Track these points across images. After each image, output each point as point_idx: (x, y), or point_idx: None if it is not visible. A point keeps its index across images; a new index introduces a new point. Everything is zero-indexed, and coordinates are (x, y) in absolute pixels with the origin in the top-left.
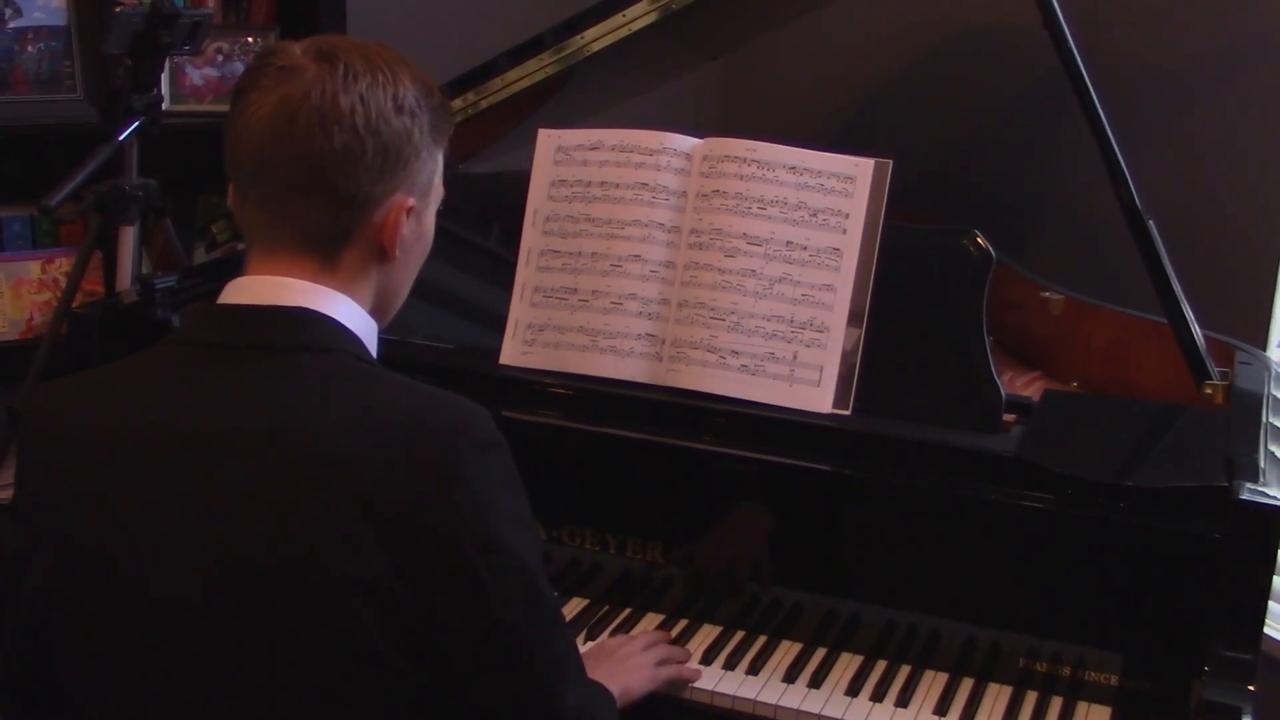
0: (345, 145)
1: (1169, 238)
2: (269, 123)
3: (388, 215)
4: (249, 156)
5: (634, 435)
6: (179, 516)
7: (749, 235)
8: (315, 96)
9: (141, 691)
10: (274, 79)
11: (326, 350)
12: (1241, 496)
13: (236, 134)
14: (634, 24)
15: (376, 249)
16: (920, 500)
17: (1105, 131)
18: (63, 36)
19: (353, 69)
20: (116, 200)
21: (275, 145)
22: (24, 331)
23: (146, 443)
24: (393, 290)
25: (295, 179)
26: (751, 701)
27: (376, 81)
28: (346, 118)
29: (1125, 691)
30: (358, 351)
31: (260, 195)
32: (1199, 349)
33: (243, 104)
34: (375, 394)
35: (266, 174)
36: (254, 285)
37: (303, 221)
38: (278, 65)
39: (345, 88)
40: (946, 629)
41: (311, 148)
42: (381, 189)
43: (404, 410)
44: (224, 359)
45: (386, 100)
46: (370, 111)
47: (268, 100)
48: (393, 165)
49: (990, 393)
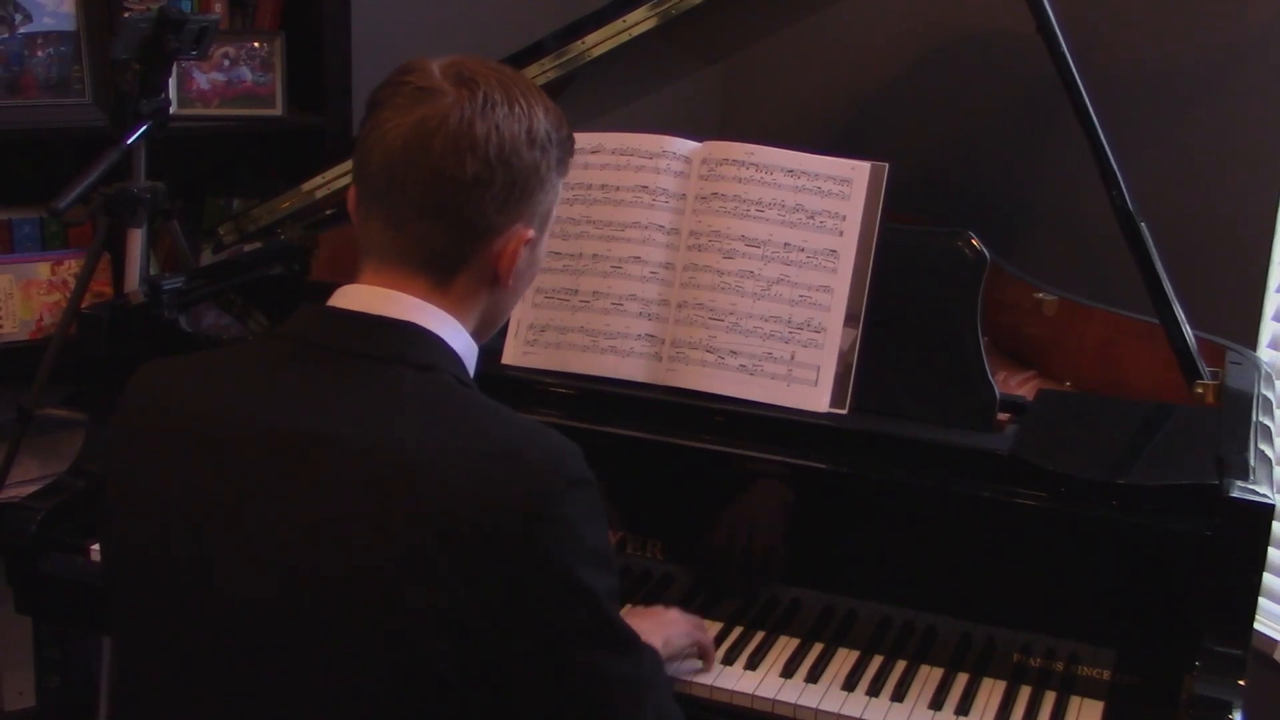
0: (476, 174)
1: (1160, 240)
2: (403, 143)
3: (507, 245)
4: (379, 173)
5: (634, 434)
6: (258, 513)
7: (747, 237)
8: (453, 122)
9: (190, 680)
10: (411, 98)
11: (428, 367)
12: (1232, 494)
13: (368, 148)
14: (634, 29)
15: (490, 275)
16: (916, 498)
17: (1098, 135)
18: (72, 41)
19: (491, 98)
20: (124, 203)
21: (407, 166)
22: (34, 332)
23: (237, 434)
24: (497, 314)
25: (423, 201)
26: (750, 696)
27: (513, 112)
28: (481, 147)
29: (1118, 686)
30: (458, 372)
31: (384, 211)
32: (1190, 349)
33: (377, 119)
34: (470, 419)
35: (395, 193)
36: (366, 294)
37: (423, 242)
38: (416, 85)
39: (482, 116)
40: (942, 625)
41: (443, 173)
42: (505, 219)
43: (497, 440)
44: (327, 361)
45: (521, 132)
46: (505, 142)
47: (405, 120)
48: (518, 196)
49: (985, 392)
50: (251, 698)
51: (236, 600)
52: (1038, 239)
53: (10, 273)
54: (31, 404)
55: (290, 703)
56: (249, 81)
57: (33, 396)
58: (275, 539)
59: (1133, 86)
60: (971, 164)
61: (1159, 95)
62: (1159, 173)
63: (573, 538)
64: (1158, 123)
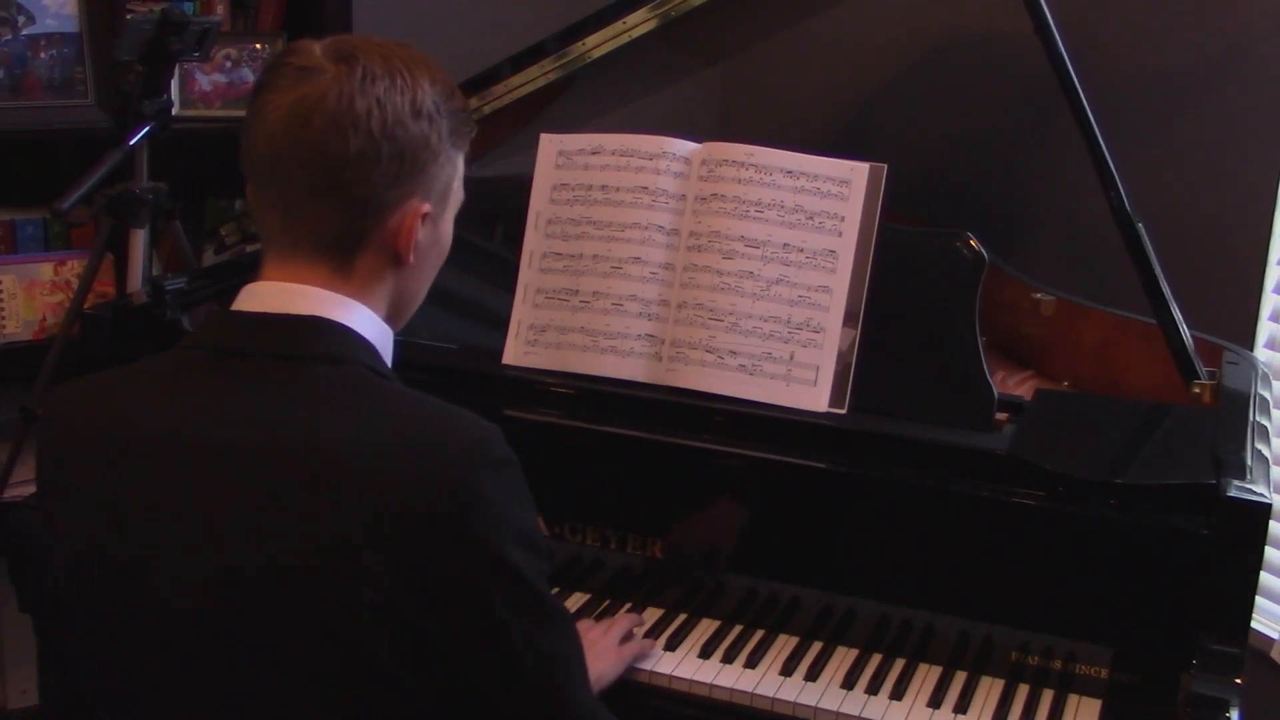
0: (360, 150)
1: (1157, 240)
2: (284, 124)
3: (403, 221)
4: (263, 157)
5: (634, 433)
6: (186, 525)
7: (747, 238)
8: (331, 99)
9: (146, 695)
10: (291, 79)
11: (340, 361)
12: (1229, 493)
13: (252, 133)
14: (634, 31)
15: (391, 254)
16: (914, 497)
17: (1095, 136)
18: (75, 43)
19: (371, 71)
20: (127, 204)
21: (289, 147)
22: (37, 332)
23: (155, 449)
24: (408, 296)
25: (309, 182)
26: (749, 694)
27: (395, 85)
28: (362, 121)
29: (1115, 684)
30: (371, 362)
31: (274, 197)
32: (1187, 349)
33: (259, 103)
34: (387, 410)
35: (281, 176)
36: (269, 292)
37: (316, 225)
38: (296, 65)
39: (362, 90)
40: (940, 623)
41: (326, 151)
42: (397, 194)
43: (416, 428)
44: (237, 367)
45: (404, 104)
46: (387, 115)
47: (284, 101)
48: (409, 170)
49: (983, 392)
50: (201, 702)
51: (174, 608)
52: (1036, 240)
53: (13, 273)
54: (35, 404)
55: (239, 705)
56: (251, 83)
57: (36, 396)
58: (207, 547)
59: (1130, 88)
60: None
61: (1156, 96)
62: (1156, 173)
63: (499, 518)
64: (1155, 124)
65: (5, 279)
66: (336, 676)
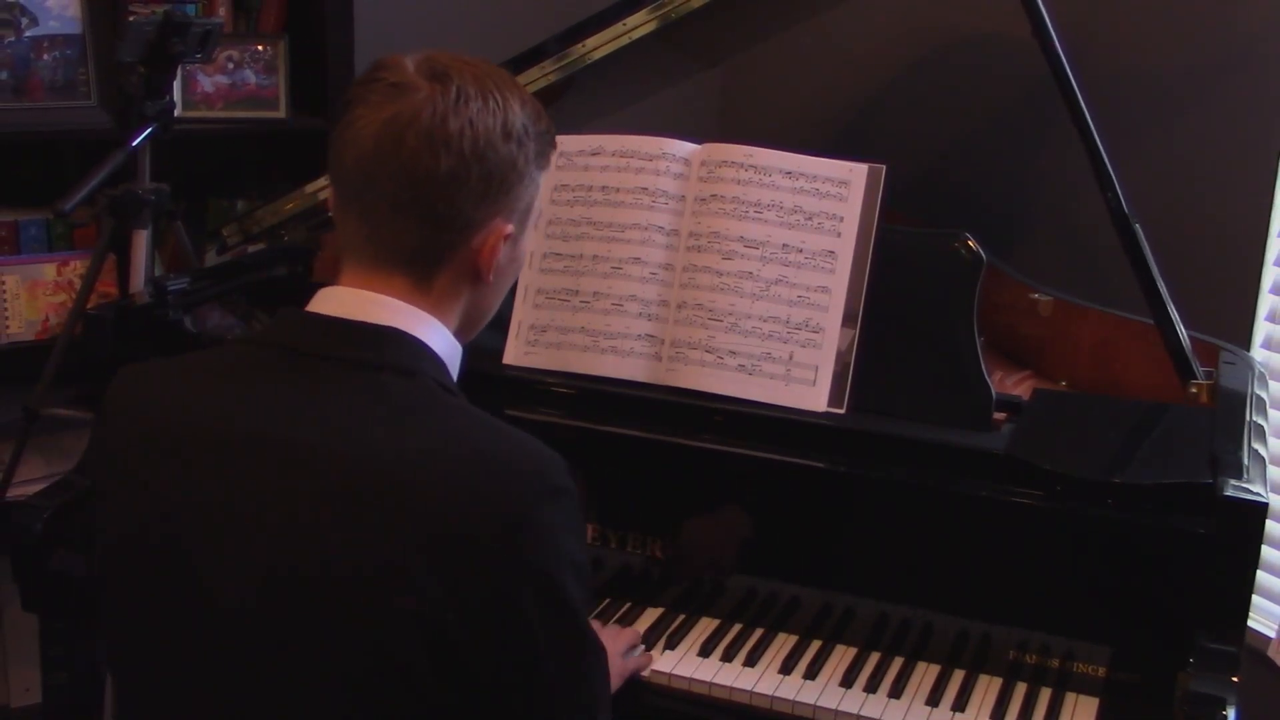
0: (451, 169)
1: (1155, 241)
2: (376, 140)
3: (486, 240)
4: (353, 170)
5: (634, 433)
6: (237, 519)
7: (746, 238)
8: (425, 118)
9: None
10: (384, 95)
11: (411, 374)
12: (1226, 493)
13: (342, 146)
14: (634, 33)
15: (471, 272)
16: (913, 496)
17: (1093, 137)
18: (77, 44)
19: (465, 91)
20: (130, 204)
21: (380, 163)
22: (40, 332)
23: (215, 440)
24: (481, 312)
25: (398, 198)
26: (748, 692)
27: (487, 106)
28: (455, 141)
29: (1113, 683)
30: (440, 377)
31: (361, 210)
32: (1184, 349)
33: (351, 117)
34: (452, 428)
35: (369, 190)
36: (347, 298)
37: (401, 240)
38: (389, 81)
39: (455, 111)
40: (939, 622)
41: (417, 169)
42: (482, 214)
43: (478, 448)
44: (307, 367)
45: (496, 126)
46: (479, 136)
47: (377, 117)
48: (496, 191)
49: (981, 391)
50: (237, 698)
51: (219, 603)
52: (1034, 240)
53: (16, 273)
54: (37, 404)
55: (273, 703)
56: (253, 84)
57: (38, 396)
58: (255, 544)
59: (1128, 89)
60: (968, 166)
61: (1154, 98)
62: (1153, 174)
63: (553, 545)
64: (1152, 125)
65: (8, 279)
66: (369, 684)
